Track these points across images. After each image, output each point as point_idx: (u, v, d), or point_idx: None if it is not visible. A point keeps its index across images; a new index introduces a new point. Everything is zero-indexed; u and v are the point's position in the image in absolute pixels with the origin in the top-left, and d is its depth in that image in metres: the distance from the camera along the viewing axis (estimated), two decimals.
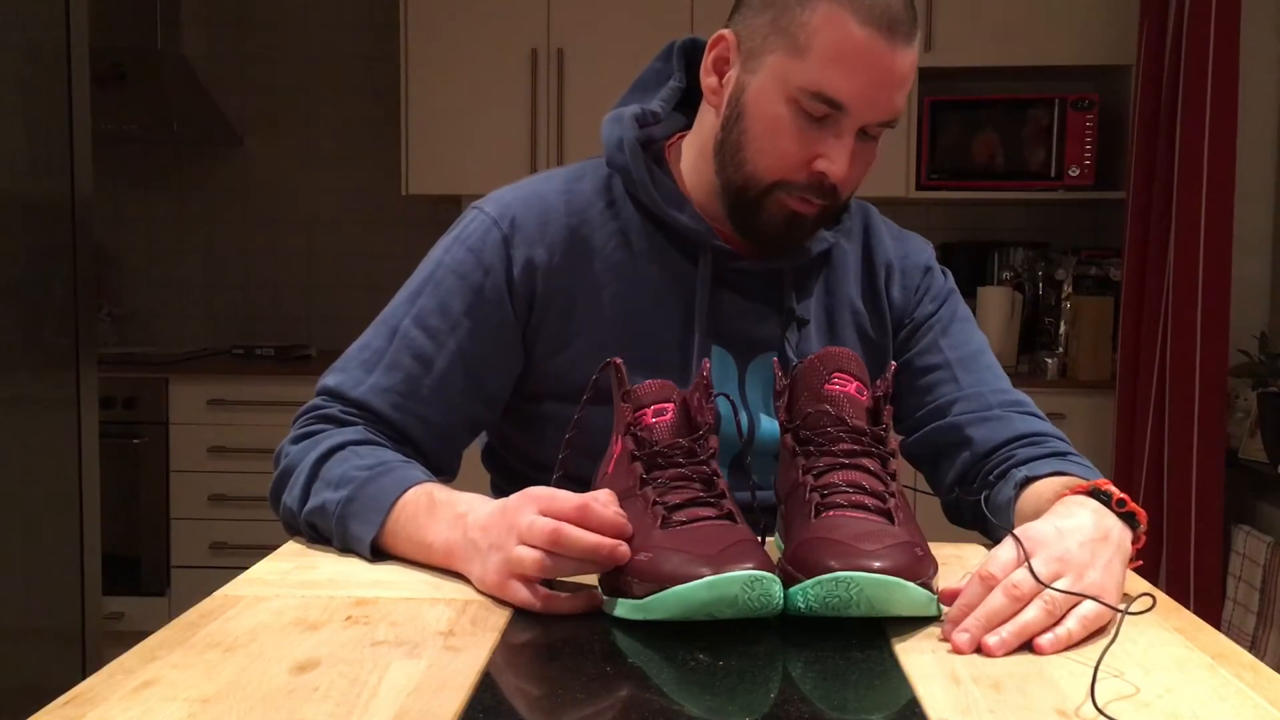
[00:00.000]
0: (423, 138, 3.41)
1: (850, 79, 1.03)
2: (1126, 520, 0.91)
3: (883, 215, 1.29)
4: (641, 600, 0.81)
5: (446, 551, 0.95)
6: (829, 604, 0.79)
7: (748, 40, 1.08)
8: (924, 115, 3.32)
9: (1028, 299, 3.41)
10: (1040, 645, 0.78)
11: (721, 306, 1.16)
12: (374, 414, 1.11)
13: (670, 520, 0.85)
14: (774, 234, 1.11)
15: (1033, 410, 1.20)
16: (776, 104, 1.06)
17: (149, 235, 3.87)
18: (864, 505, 0.86)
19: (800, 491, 0.89)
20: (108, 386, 3.14)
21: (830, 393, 0.92)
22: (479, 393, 1.15)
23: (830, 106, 1.04)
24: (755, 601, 0.78)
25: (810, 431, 0.92)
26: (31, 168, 1.76)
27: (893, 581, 0.78)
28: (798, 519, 0.87)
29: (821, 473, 0.89)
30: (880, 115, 1.06)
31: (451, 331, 1.12)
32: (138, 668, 0.73)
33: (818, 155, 1.06)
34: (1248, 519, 2.92)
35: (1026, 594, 0.80)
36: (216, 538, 3.34)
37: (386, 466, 1.03)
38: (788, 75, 1.04)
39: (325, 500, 1.03)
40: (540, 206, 1.16)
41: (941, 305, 1.24)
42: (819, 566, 0.79)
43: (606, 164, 1.18)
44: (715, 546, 0.81)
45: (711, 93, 1.12)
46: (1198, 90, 2.90)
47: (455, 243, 1.16)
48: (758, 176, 1.08)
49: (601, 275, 1.15)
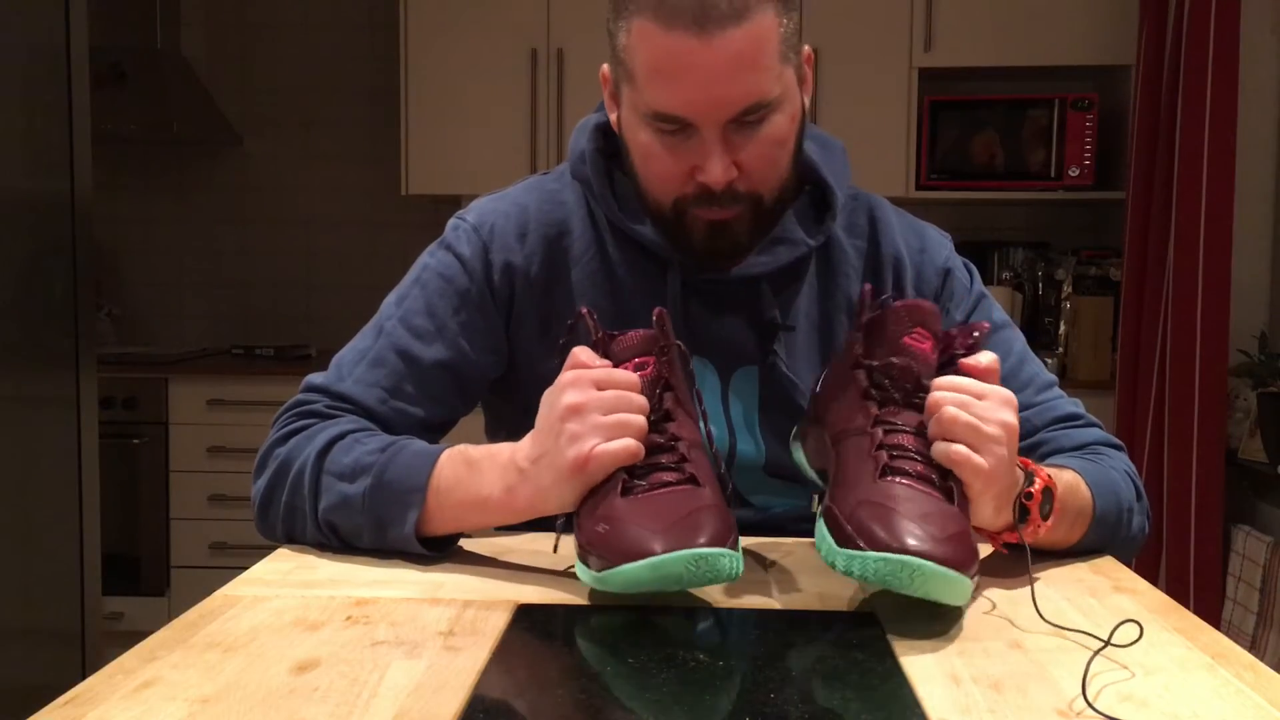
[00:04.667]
0: (423, 138, 3.41)
1: (675, 90, 0.99)
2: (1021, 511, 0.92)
3: (897, 207, 1.24)
4: (598, 574, 0.83)
5: (507, 493, 0.93)
6: (886, 580, 0.80)
7: (612, 73, 1.09)
8: (924, 115, 3.32)
9: (1028, 299, 3.41)
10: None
11: (697, 318, 1.14)
12: (360, 407, 1.10)
13: (630, 486, 0.86)
14: (707, 247, 1.08)
15: (1079, 422, 1.16)
16: (639, 131, 1.05)
17: (149, 235, 3.87)
18: (930, 479, 0.86)
19: (866, 441, 0.88)
20: (108, 386, 3.14)
21: (909, 345, 0.91)
22: (461, 392, 1.15)
23: (673, 122, 1.01)
24: (701, 577, 0.80)
25: (888, 379, 0.91)
26: (31, 168, 1.76)
27: (954, 576, 0.79)
28: (860, 470, 0.87)
29: (891, 430, 0.89)
30: (728, 111, 1.00)
31: (438, 332, 1.13)
32: (138, 668, 0.73)
33: (694, 167, 1.03)
34: (1248, 519, 2.92)
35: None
36: (216, 538, 3.34)
37: (398, 445, 1.01)
38: (634, 102, 1.04)
39: (345, 494, 0.99)
40: (520, 218, 1.16)
41: (972, 313, 1.19)
42: (884, 542, 0.80)
43: (572, 176, 1.18)
44: (672, 516, 0.82)
45: (615, 126, 1.12)
46: (1198, 90, 2.90)
47: (439, 248, 1.17)
48: (658, 200, 1.08)
49: (579, 285, 1.14)
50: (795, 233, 1.14)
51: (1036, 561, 0.99)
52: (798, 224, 1.14)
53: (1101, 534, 1.03)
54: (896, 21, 3.28)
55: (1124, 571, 1.00)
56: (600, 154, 1.16)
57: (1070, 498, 0.99)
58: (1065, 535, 1.00)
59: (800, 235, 1.14)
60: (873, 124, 3.27)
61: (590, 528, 0.86)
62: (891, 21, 3.28)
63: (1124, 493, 1.07)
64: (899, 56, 3.29)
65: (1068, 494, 0.98)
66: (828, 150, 1.18)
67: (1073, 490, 1.00)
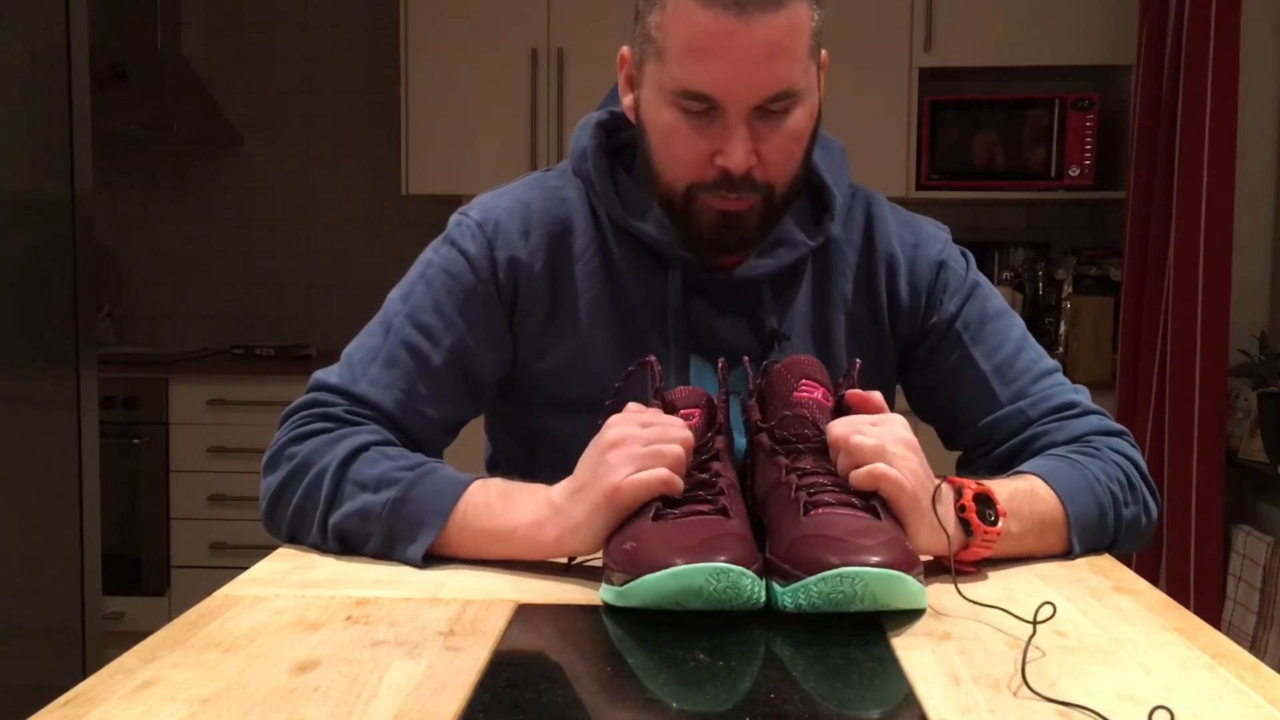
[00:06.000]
0: (423, 138, 3.41)
1: (708, 69, 0.99)
2: (962, 524, 0.92)
3: (893, 203, 1.23)
4: (620, 588, 0.83)
5: (535, 526, 0.94)
6: (832, 599, 0.79)
7: (636, 53, 1.08)
8: (924, 115, 3.32)
9: (1028, 299, 3.41)
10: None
11: (697, 317, 1.14)
12: (379, 411, 1.09)
13: (663, 514, 0.87)
14: (715, 238, 1.08)
15: (1075, 411, 1.14)
16: (662, 111, 1.04)
17: (149, 235, 3.87)
18: (851, 503, 0.87)
19: (784, 490, 0.90)
20: (108, 386, 3.14)
21: (800, 399, 0.94)
22: (471, 389, 1.15)
23: (702, 101, 1.01)
24: (723, 593, 0.79)
25: (787, 433, 0.93)
26: (31, 167, 1.76)
27: (894, 575, 0.79)
28: (785, 516, 0.88)
29: (805, 473, 0.90)
30: (757, 95, 1.00)
31: (446, 329, 1.12)
32: (138, 668, 0.73)
33: (715, 150, 1.03)
34: (1248, 519, 2.92)
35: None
36: (216, 538, 3.34)
37: (428, 467, 1.00)
38: (660, 80, 1.04)
39: (367, 502, 0.98)
40: (523, 215, 1.16)
41: (965, 303, 1.17)
42: (820, 563, 0.80)
43: (573, 173, 1.18)
44: (697, 537, 0.82)
45: (629, 111, 1.12)
46: (1198, 90, 2.89)
47: (443, 244, 1.17)
48: (671, 185, 1.07)
49: (581, 282, 1.14)
50: (795, 234, 1.14)
51: (1033, 562, 1.00)
52: (797, 225, 1.14)
53: (1088, 535, 1.02)
54: (896, 21, 3.28)
55: (1124, 571, 1.00)
56: (602, 151, 1.15)
57: (1026, 503, 0.98)
58: (1037, 543, 1.00)
59: (800, 237, 1.14)
60: (873, 124, 3.27)
61: (618, 546, 0.86)
62: (891, 21, 3.28)
63: (1101, 490, 1.04)
64: (899, 56, 3.29)
65: (1023, 500, 0.98)
66: (827, 150, 1.18)
67: (1029, 496, 0.99)
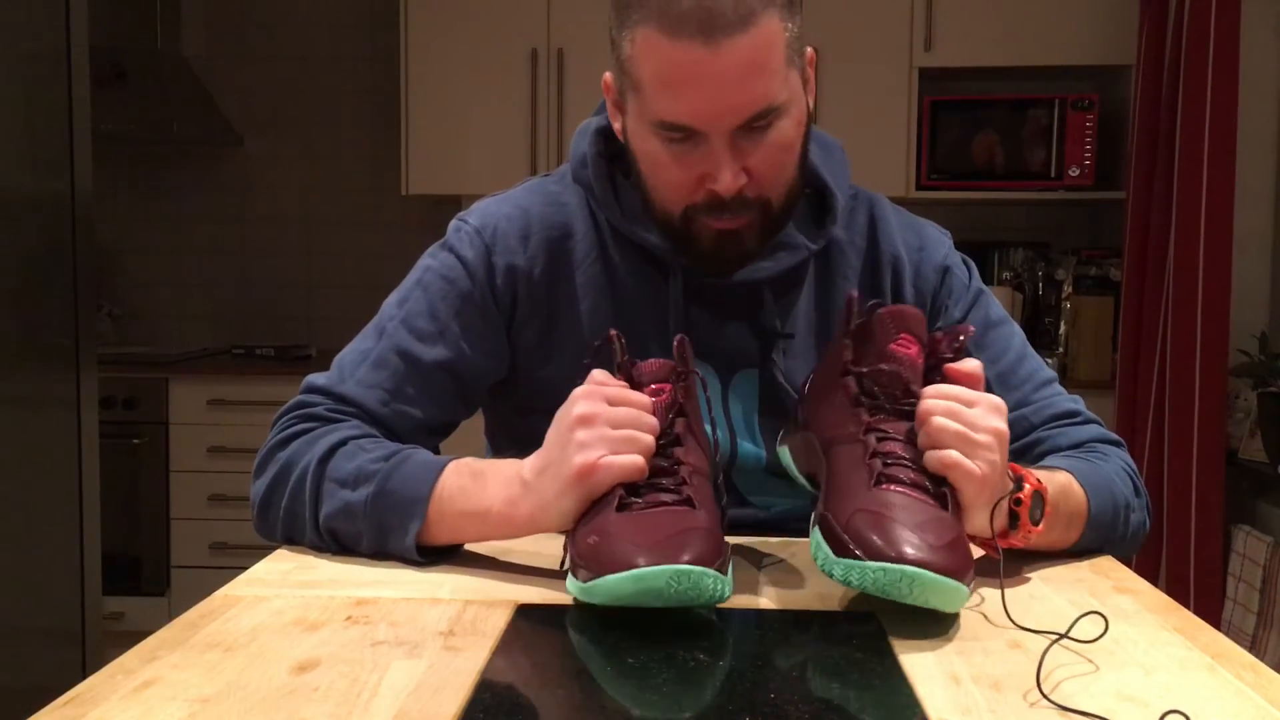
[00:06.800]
0: (423, 138, 3.41)
1: (683, 100, 0.98)
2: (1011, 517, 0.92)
3: (896, 205, 1.23)
4: (583, 585, 0.83)
5: (508, 505, 0.93)
6: (884, 589, 0.80)
7: (616, 82, 1.08)
8: (924, 115, 3.32)
9: (1028, 299, 3.41)
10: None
11: (699, 323, 1.13)
12: (362, 408, 1.09)
13: (627, 503, 0.86)
14: (715, 255, 1.08)
15: (1077, 419, 1.16)
16: (647, 140, 1.04)
17: (149, 235, 3.87)
18: (924, 486, 0.86)
19: (858, 449, 0.89)
20: (108, 386, 3.14)
21: (896, 352, 0.92)
22: (461, 394, 1.14)
23: (681, 131, 1.00)
24: (684, 594, 0.79)
25: (877, 386, 0.91)
26: (31, 167, 1.76)
27: (952, 585, 0.79)
28: (854, 479, 0.87)
29: (885, 437, 0.89)
30: (737, 118, 0.99)
31: (440, 334, 1.12)
32: (138, 668, 0.73)
33: (704, 174, 1.02)
34: (1248, 519, 2.92)
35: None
36: (216, 538, 3.34)
37: (403, 454, 1.00)
38: (640, 112, 1.03)
39: (347, 500, 0.99)
40: (522, 221, 1.15)
41: (970, 309, 1.18)
42: (883, 553, 0.80)
43: (573, 179, 1.17)
44: (661, 534, 0.82)
45: (619, 135, 1.11)
46: (1198, 90, 2.90)
47: (441, 249, 1.16)
48: (667, 210, 1.07)
49: (581, 288, 1.14)
50: (796, 237, 1.14)
51: (1034, 562, 1.00)
52: (798, 228, 1.14)
53: (1098, 534, 1.03)
54: (896, 21, 3.29)
55: (1124, 571, 1.00)
56: (602, 158, 1.15)
57: (1063, 500, 0.98)
58: (1060, 537, 1.00)
59: (801, 240, 1.14)
60: (873, 124, 3.27)
61: (583, 539, 0.86)
62: (891, 21, 3.28)
63: (1120, 491, 1.07)
64: (899, 56, 3.29)
65: (1060, 497, 0.98)
66: (827, 151, 1.17)
67: (1065, 493, 0.99)
